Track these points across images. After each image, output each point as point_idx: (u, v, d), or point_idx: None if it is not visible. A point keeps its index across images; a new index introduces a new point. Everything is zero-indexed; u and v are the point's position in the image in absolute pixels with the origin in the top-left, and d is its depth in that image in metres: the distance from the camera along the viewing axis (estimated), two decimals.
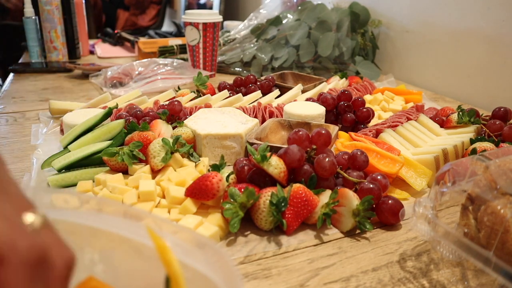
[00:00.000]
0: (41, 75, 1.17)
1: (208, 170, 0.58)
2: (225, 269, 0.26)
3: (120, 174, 0.53)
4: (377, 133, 0.69)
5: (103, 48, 1.56)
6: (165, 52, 1.31)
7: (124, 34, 1.61)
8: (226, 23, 1.65)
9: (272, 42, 1.21)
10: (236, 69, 1.22)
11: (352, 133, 0.65)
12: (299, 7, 1.26)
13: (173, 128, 0.65)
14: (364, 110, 0.74)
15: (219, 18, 1.09)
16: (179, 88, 0.91)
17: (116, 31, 1.68)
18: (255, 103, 0.81)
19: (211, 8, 2.34)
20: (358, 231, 0.48)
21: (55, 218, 0.29)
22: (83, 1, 1.45)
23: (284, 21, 1.25)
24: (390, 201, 0.48)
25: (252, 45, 1.24)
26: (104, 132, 0.59)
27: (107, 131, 0.59)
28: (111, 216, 0.29)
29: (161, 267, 0.27)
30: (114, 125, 0.60)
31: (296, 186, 0.47)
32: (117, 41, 1.62)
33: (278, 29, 1.24)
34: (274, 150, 0.52)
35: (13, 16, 1.92)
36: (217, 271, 0.26)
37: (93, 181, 0.54)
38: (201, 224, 0.45)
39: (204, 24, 1.06)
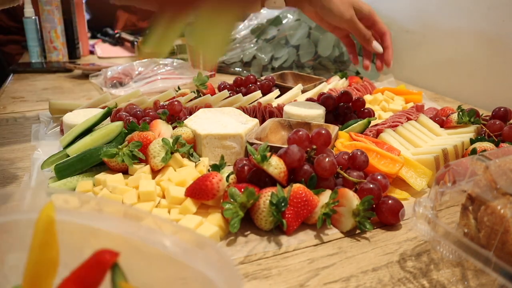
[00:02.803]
0: (41, 75, 1.17)
1: (208, 170, 0.58)
2: (226, 269, 0.26)
3: (120, 174, 0.53)
4: (377, 133, 0.69)
5: (103, 48, 1.56)
6: None
7: (124, 35, 1.61)
8: None
9: (272, 42, 1.21)
10: (236, 69, 1.22)
11: (352, 133, 0.65)
12: None
13: (173, 128, 0.65)
14: (365, 111, 0.74)
15: None
16: (179, 88, 0.91)
17: (116, 31, 1.68)
18: (255, 103, 0.81)
19: None
20: (358, 231, 0.48)
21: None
22: (83, 1, 1.45)
23: (284, 21, 1.25)
24: (390, 201, 0.48)
25: (252, 45, 1.24)
26: (103, 135, 0.59)
27: (105, 134, 0.59)
28: (111, 216, 0.29)
29: (163, 267, 0.27)
30: (113, 128, 0.60)
31: (296, 186, 0.47)
32: (117, 41, 1.62)
33: (278, 29, 1.24)
34: (274, 150, 0.52)
35: None
36: (217, 271, 0.26)
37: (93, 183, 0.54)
38: (201, 224, 0.45)
39: None
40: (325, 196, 0.48)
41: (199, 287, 0.27)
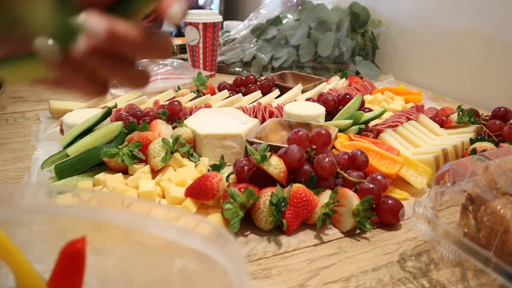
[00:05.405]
0: None
1: (208, 170, 0.58)
2: (238, 263, 0.26)
3: (120, 174, 0.53)
4: (377, 133, 0.69)
5: None
6: None
7: None
8: (226, 23, 1.65)
9: (272, 42, 1.21)
10: (236, 69, 1.22)
11: (351, 134, 0.65)
12: (299, 7, 1.26)
13: (173, 128, 0.65)
14: (365, 110, 0.74)
15: (219, 18, 1.09)
16: (179, 88, 0.91)
17: None
18: (255, 103, 0.81)
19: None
20: (358, 231, 0.48)
21: (57, 214, 0.29)
22: None
23: (284, 21, 1.25)
24: (390, 201, 0.48)
25: (252, 45, 1.24)
26: (103, 135, 0.59)
27: (105, 134, 0.59)
28: (118, 209, 0.29)
29: (169, 258, 0.27)
30: (113, 128, 0.60)
31: (296, 186, 0.47)
32: None
33: (278, 29, 1.24)
34: (274, 150, 0.52)
35: None
36: (231, 262, 0.26)
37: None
38: None
39: (204, 24, 1.06)
40: (325, 196, 0.48)
41: (215, 278, 0.27)
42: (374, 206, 0.49)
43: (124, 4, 0.27)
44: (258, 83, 0.94)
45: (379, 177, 0.51)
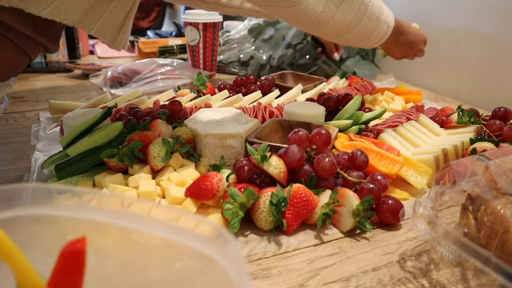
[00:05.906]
0: (41, 75, 1.17)
1: (208, 170, 0.58)
2: (238, 264, 0.25)
3: (120, 174, 0.53)
4: (377, 133, 0.69)
5: (103, 48, 1.56)
6: (165, 52, 1.31)
7: None
8: (226, 23, 1.65)
9: (269, 42, 1.21)
10: (233, 69, 1.22)
11: (351, 134, 0.65)
12: None
13: (173, 128, 0.65)
14: (365, 110, 0.74)
15: (219, 18, 1.09)
16: (179, 88, 0.91)
17: None
18: (255, 103, 0.81)
19: None
20: (358, 231, 0.48)
21: (56, 214, 0.29)
22: None
23: (281, 21, 1.25)
24: (390, 201, 0.48)
25: (249, 45, 1.24)
26: (103, 136, 0.59)
27: (105, 134, 0.59)
28: (118, 209, 0.29)
29: (169, 258, 0.27)
30: (113, 128, 0.60)
31: (296, 186, 0.47)
32: None
33: (275, 29, 1.24)
34: (274, 150, 0.52)
35: None
36: (232, 263, 0.26)
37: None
38: None
39: (204, 24, 1.06)
40: (325, 196, 0.48)
41: (215, 278, 0.27)
42: (374, 206, 0.49)
43: None
44: (258, 83, 0.94)
45: (379, 177, 0.51)
